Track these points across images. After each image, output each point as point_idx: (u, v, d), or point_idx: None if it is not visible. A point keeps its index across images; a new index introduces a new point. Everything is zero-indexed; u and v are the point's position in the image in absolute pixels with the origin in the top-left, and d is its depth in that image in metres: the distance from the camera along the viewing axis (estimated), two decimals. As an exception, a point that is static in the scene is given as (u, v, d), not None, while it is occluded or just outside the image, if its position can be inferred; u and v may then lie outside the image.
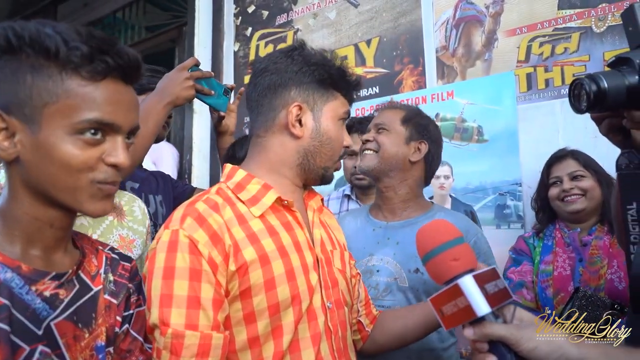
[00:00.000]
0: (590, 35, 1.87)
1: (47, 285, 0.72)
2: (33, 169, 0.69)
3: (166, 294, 0.79)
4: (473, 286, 0.66)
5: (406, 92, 2.33)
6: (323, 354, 0.88)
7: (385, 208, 1.42)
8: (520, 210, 1.99)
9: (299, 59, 0.95)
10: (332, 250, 1.01)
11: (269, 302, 0.84)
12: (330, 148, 0.97)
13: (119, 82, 0.73)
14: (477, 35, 2.14)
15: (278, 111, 0.95)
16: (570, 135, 1.89)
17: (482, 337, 0.67)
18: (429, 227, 0.77)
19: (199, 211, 0.85)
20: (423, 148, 1.40)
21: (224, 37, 3.08)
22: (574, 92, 0.81)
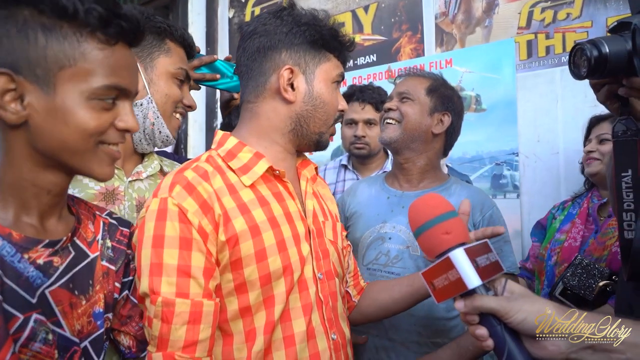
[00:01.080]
0: (594, 0, 1.82)
1: (41, 253, 0.71)
2: (44, 133, 0.68)
3: (156, 263, 0.78)
4: (464, 259, 0.66)
5: (404, 60, 2.28)
6: (314, 324, 0.89)
7: (402, 178, 1.40)
8: (516, 180, 1.99)
9: (288, 20, 0.91)
10: (324, 221, 1.00)
11: (260, 272, 0.84)
12: (324, 112, 0.94)
13: (126, 46, 0.72)
14: (477, 0, 2.08)
15: (269, 75, 0.92)
16: (570, 104, 1.87)
17: (472, 309, 0.67)
18: (421, 201, 0.75)
19: (187, 179, 0.84)
20: (446, 120, 1.36)
21: (219, 4, 2.99)
22: (574, 58, 0.79)
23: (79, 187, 1.05)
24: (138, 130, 0.75)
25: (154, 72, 1.10)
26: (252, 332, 0.84)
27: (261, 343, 0.84)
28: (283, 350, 0.85)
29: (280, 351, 0.85)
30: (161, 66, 1.10)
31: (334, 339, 0.93)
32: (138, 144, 1.14)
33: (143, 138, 1.13)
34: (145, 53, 1.09)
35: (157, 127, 1.12)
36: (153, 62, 1.10)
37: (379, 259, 1.33)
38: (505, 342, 0.65)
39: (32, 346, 0.67)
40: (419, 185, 1.39)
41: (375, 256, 1.34)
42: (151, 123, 1.11)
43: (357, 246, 1.38)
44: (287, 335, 0.86)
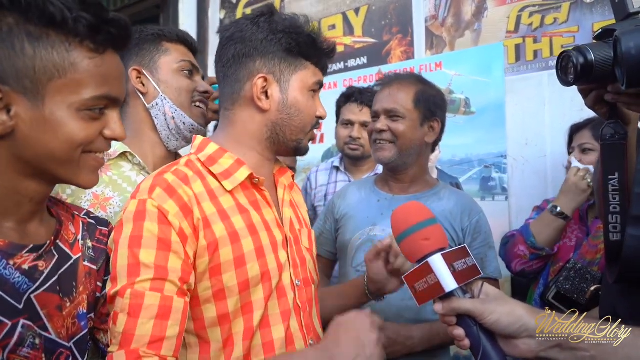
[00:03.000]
0: (580, 6, 1.85)
1: (25, 258, 0.71)
2: (31, 143, 0.67)
3: (133, 263, 0.76)
4: (441, 264, 0.70)
5: (394, 63, 2.30)
6: (293, 330, 0.89)
7: (393, 183, 1.41)
8: (505, 182, 2.01)
9: (265, 27, 0.90)
10: (300, 229, 1.01)
11: (239, 279, 0.83)
12: (300, 120, 0.93)
13: (115, 53, 0.72)
14: (467, 4, 2.10)
15: (243, 83, 0.91)
16: (557, 108, 1.89)
17: (450, 311, 0.71)
18: (402, 208, 0.79)
19: (168, 182, 0.83)
20: (436, 126, 1.37)
21: (210, 4, 2.99)
22: (562, 64, 0.81)
23: (118, 190, 1.09)
24: (125, 138, 0.75)
25: (159, 72, 1.16)
26: (230, 339, 0.84)
27: (240, 349, 0.83)
28: (262, 356, 0.85)
29: (260, 357, 0.85)
30: (164, 65, 1.16)
31: (312, 344, 0.93)
32: (169, 142, 1.19)
33: (170, 134, 1.18)
34: (147, 59, 1.16)
35: (178, 120, 1.16)
36: (156, 64, 1.17)
37: None
38: (480, 342, 0.69)
39: (21, 352, 0.68)
40: (409, 190, 1.40)
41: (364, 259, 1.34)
42: (171, 118, 1.15)
43: (346, 248, 1.39)
44: (266, 342, 0.86)
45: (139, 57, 1.15)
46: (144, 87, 1.14)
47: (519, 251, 1.55)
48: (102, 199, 1.07)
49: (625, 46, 0.69)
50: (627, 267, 0.85)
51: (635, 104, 0.80)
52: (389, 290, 1.07)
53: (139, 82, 1.15)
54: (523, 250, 1.55)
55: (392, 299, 1.28)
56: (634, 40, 0.69)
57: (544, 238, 1.52)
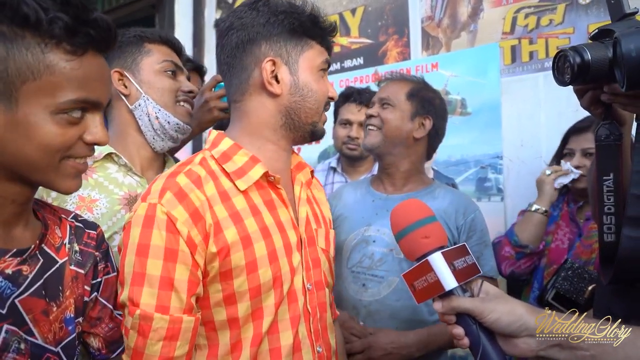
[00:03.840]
0: (576, 7, 1.85)
1: (9, 262, 0.70)
2: (5, 147, 0.65)
3: (139, 272, 0.76)
4: (441, 262, 0.69)
5: (391, 64, 2.30)
6: (301, 336, 0.87)
7: (386, 181, 1.41)
8: (500, 183, 2.01)
9: (264, 10, 0.88)
10: (316, 229, 0.98)
11: (250, 284, 0.82)
12: (314, 101, 0.90)
13: (97, 54, 0.69)
14: (463, 5, 2.10)
15: (251, 70, 0.88)
16: (553, 109, 1.90)
17: (449, 310, 0.70)
18: (402, 206, 0.78)
19: (180, 185, 0.80)
20: (427, 124, 1.37)
21: (206, 4, 2.98)
22: (558, 64, 0.81)
23: (104, 192, 1.08)
24: (107, 143, 0.72)
25: (142, 73, 1.15)
26: (238, 343, 0.83)
27: (247, 355, 0.82)
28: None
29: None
30: (146, 66, 1.16)
31: (319, 351, 0.91)
32: (154, 143, 1.18)
33: (155, 135, 1.16)
34: (129, 61, 1.15)
35: (163, 119, 1.15)
36: (138, 65, 1.16)
37: (363, 262, 1.33)
38: (480, 340, 0.69)
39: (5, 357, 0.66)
40: (403, 188, 1.39)
41: (359, 259, 1.34)
42: (155, 117, 1.14)
43: (341, 249, 1.39)
44: (273, 348, 0.85)
45: (120, 59, 1.15)
46: (126, 88, 1.14)
47: (505, 252, 1.57)
48: (88, 201, 1.06)
49: (626, 48, 0.68)
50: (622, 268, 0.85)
51: (632, 104, 0.80)
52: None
53: (121, 84, 1.14)
54: (509, 250, 1.57)
55: (387, 300, 1.28)
56: (634, 41, 0.69)
57: (526, 235, 1.55)
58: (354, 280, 1.33)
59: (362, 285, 1.31)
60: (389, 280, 1.29)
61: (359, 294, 1.30)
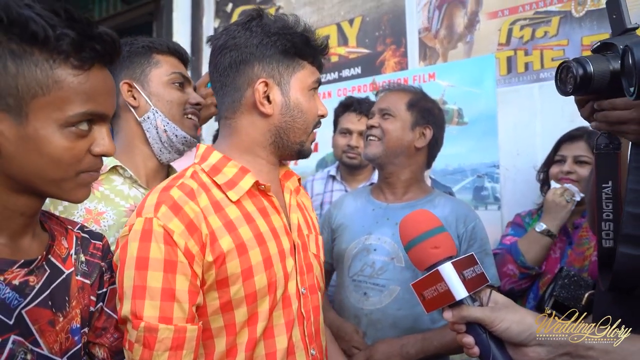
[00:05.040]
0: (570, 20, 1.89)
1: (16, 273, 0.70)
2: (16, 161, 0.66)
3: (139, 286, 0.77)
4: (452, 272, 0.70)
5: (388, 73, 2.32)
6: (294, 340, 0.89)
7: (387, 190, 1.43)
8: (497, 192, 2.03)
9: (257, 31, 0.89)
10: (308, 234, 1.00)
11: (246, 291, 0.83)
12: (303, 122, 0.92)
13: (102, 68, 0.71)
14: (459, 16, 2.14)
15: (243, 90, 0.90)
16: (548, 119, 1.93)
17: (459, 319, 0.71)
18: (411, 216, 0.79)
19: (174, 199, 0.82)
20: (428, 133, 1.38)
21: (204, 13, 3.00)
22: (561, 75, 0.83)
23: (111, 205, 1.08)
24: (114, 153, 0.74)
25: (150, 85, 1.15)
26: (233, 349, 0.84)
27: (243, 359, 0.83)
28: None
29: None
30: (155, 78, 1.16)
31: (313, 354, 0.93)
32: (161, 155, 1.18)
33: (162, 148, 1.17)
34: (138, 72, 1.15)
35: (171, 132, 1.15)
36: (147, 77, 1.16)
37: (364, 270, 1.34)
38: (490, 349, 0.70)
39: None
40: (403, 197, 1.41)
41: (360, 267, 1.35)
42: (163, 131, 1.15)
43: (342, 258, 1.40)
44: (269, 352, 0.86)
45: (129, 70, 1.14)
46: (135, 100, 1.14)
47: (508, 270, 1.55)
48: (95, 213, 1.06)
49: (638, 56, 0.69)
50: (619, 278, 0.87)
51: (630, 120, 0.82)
52: None
53: (130, 95, 1.14)
54: (512, 269, 1.55)
55: (389, 309, 1.29)
56: None
57: (532, 256, 1.53)
58: (355, 289, 1.33)
59: (363, 294, 1.32)
60: (390, 289, 1.30)
61: (360, 303, 1.31)
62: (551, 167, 1.65)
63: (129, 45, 1.16)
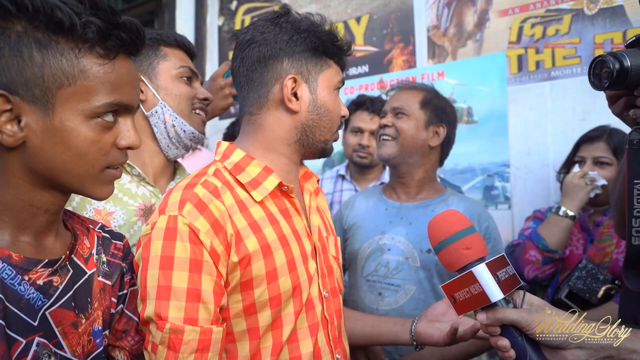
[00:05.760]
0: (582, 18, 1.88)
1: (40, 273, 0.68)
2: (42, 155, 0.64)
3: (164, 286, 0.74)
4: (487, 274, 0.68)
5: (396, 72, 2.30)
6: (320, 344, 0.87)
7: (400, 190, 1.41)
8: (507, 191, 2.02)
9: (287, 27, 0.88)
10: (327, 236, 0.99)
11: (271, 293, 0.81)
12: (328, 120, 0.92)
13: (126, 58, 0.69)
14: (469, 14, 2.12)
15: (271, 85, 0.89)
16: (559, 118, 1.91)
17: (494, 321, 0.70)
18: (441, 217, 0.77)
19: (198, 196, 0.80)
20: (442, 132, 1.37)
21: (207, 11, 2.97)
22: (595, 70, 0.81)
23: (120, 204, 1.06)
24: (140, 146, 0.71)
25: (158, 79, 1.12)
26: (257, 354, 0.81)
27: None
28: None
29: None
30: (163, 71, 1.12)
31: (338, 358, 0.91)
32: (168, 151, 1.15)
33: (170, 143, 1.14)
34: (146, 64, 1.12)
35: (179, 128, 1.12)
36: (155, 70, 1.12)
37: (379, 270, 1.32)
38: (527, 353, 0.68)
39: None
40: (416, 197, 1.39)
41: (374, 267, 1.33)
42: (171, 126, 1.12)
43: (355, 258, 1.38)
44: (294, 357, 0.84)
45: (136, 62, 1.11)
46: (143, 94, 1.11)
47: (530, 257, 1.53)
48: (104, 213, 1.04)
49: None
50: None
51: None
52: (435, 342, 1.01)
53: None
54: (535, 254, 1.52)
55: (405, 309, 1.27)
56: None
57: (555, 240, 1.51)
58: (370, 289, 1.31)
59: (378, 294, 1.30)
60: (405, 288, 1.28)
61: (375, 303, 1.29)
62: (571, 168, 1.63)
63: None
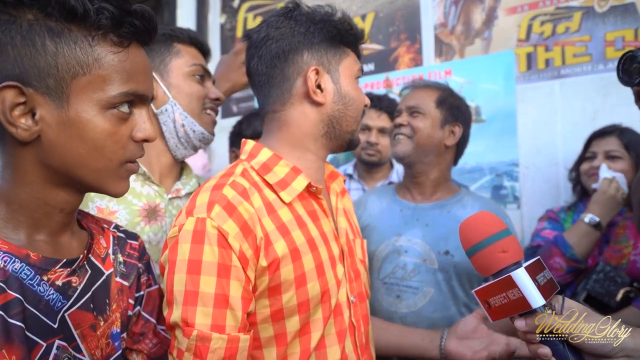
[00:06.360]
0: (592, 15, 1.86)
1: (59, 273, 0.65)
2: (58, 149, 0.62)
3: (191, 291, 0.72)
4: (527, 278, 0.65)
5: (402, 70, 2.28)
6: (347, 351, 0.85)
7: (414, 190, 1.38)
8: (516, 191, 2.00)
9: (302, 19, 0.87)
10: (354, 239, 0.96)
11: (299, 299, 0.79)
12: (354, 109, 0.90)
13: (139, 47, 0.66)
14: (477, 12, 2.10)
15: (293, 80, 0.87)
16: (569, 116, 1.90)
17: (534, 328, 0.67)
18: (474, 219, 0.74)
19: (227, 198, 0.77)
20: (457, 131, 1.35)
21: (209, 9, 2.93)
22: (624, 64, 0.80)
23: (123, 204, 1.02)
24: (156, 139, 0.69)
25: (170, 76, 1.09)
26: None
27: None
28: None
29: None
30: (176, 68, 1.09)
31: None
32: (176, 151, 1.11)
33: (178, 143, 1.10)
34: (157, 61, 1.08)
35: (188, 127, 1.09)
36: (167, 67, 1.09)
37: (396, 273, 1.29)
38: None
39: None
40: (432, 197, 1.37)
41: (392, 270, 1.30)
42: (181, 125, 1.08)
43: (371, 260, 1.35)
44: None
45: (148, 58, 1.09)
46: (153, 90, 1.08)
47: (555, 263, 1.49)
48: (107, 212, 1.01)
49: None
50: None
51: None
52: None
53: None
54: (560, 262, 1.49)
55: (424, 311, 1.25)
56: None
57: (582, 249, 1.46)
58: (387, 292, 1.29)
59: (396, 297, 1.27)
60: (424, 291, 1.25)
61: (394, 306, 1.27)
62: (582, 164, 1.61)
63: None
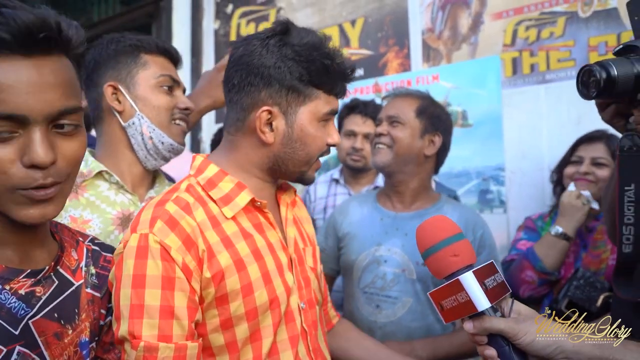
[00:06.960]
0: (576, 20, 1.86)
1: (22, 283, 0.69)
2: None
3: (137, 304, 0.75)
4: (473, 282, 0.67)
5: (391, 75, 2.30)
6: (301, 356, 0.87)
7: (395, 199, 1.40)
8: (503, 195, 2.01)
9: (274, 51, 0.83)
10: (304, 248, 0.98)
11: (247, 307, 0.81)
12: (304, 154, 0.88)
13: (17, 58, 0.58)
14: (463, 17, 2.11)
15: (248, 112, 0.86)
16: (554, 121, 1.91)
17: (481, 330, 0.69)
18: (429, 223, 0.76)
19: (169, 213, 0.79)
20: (437, 141, 1.36)
21: (204, 14, 2.97)
22: (583, 78, 0.81)
23: (97, 212, 1.04)
24: (47, 163, 0.61)
25: (137, 88, 1.09)
26: None
27: None
28: None
29: None
30: (143, 80, 1.09)
31: None
32: (146, 162, 1.13)
33: (148, 155, 1.12)
34: (124, 73, 1.08)
35: (157, 140, 1.10)
36: (133, 79, 1.09)
37: (376, 283, 1.32)
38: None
39: None
40: (411, 206, 1.39)
41: (371, 279, 1.33)
42: (149, 138, 1.10)
43: (351, 268, 1.38)
44: None
45: (115, 70, 1.07)
46: (120, 104, 1.07)
47: (527, 277, 1.51)
48: (80, 221, 1.02)
49: None
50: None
51: None
52: None
53: (114, 98, 1.07)
54: (531, 275, 1.50)
55: (402, 321, 1.28)
56: None
57: (551, 261, 1.48)
58: (367, 301, 1.32)
59: (376, 307, 1.30)
60: (403, 301, 1.28)
61: (373, 316, 1.29)
62: (566, 168, 1.61)
63: (115, 43, 1.09)
